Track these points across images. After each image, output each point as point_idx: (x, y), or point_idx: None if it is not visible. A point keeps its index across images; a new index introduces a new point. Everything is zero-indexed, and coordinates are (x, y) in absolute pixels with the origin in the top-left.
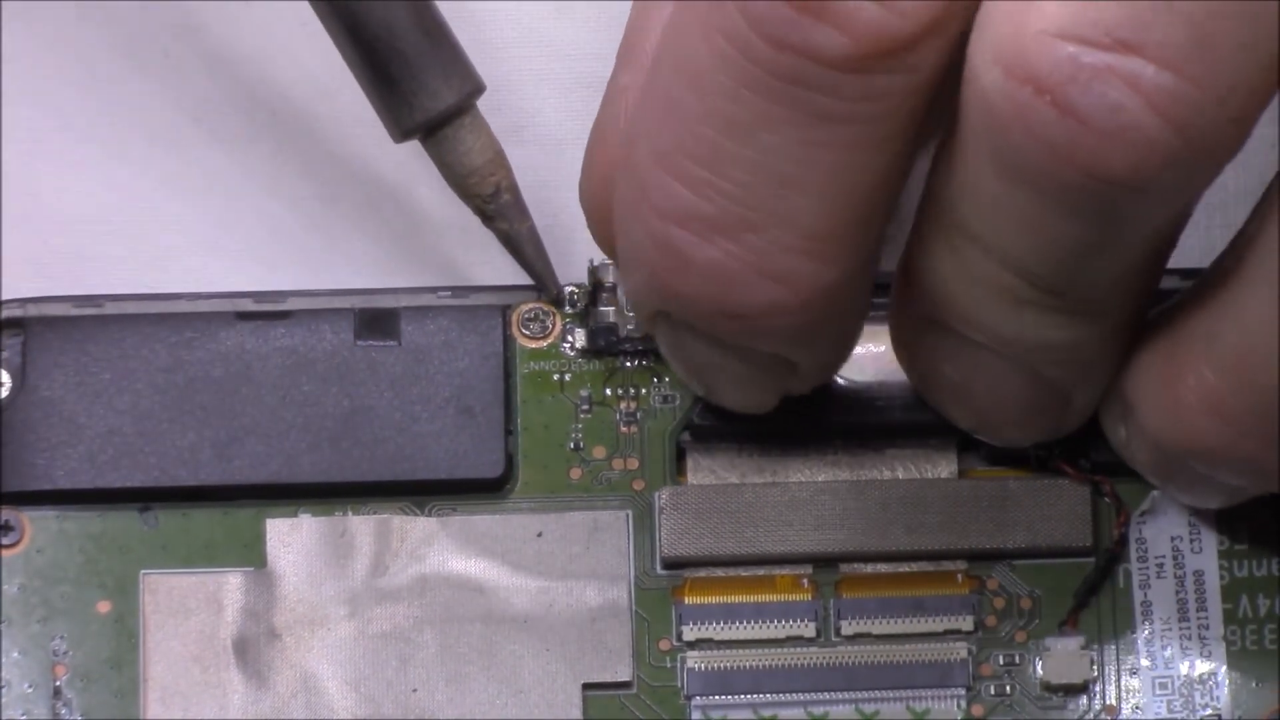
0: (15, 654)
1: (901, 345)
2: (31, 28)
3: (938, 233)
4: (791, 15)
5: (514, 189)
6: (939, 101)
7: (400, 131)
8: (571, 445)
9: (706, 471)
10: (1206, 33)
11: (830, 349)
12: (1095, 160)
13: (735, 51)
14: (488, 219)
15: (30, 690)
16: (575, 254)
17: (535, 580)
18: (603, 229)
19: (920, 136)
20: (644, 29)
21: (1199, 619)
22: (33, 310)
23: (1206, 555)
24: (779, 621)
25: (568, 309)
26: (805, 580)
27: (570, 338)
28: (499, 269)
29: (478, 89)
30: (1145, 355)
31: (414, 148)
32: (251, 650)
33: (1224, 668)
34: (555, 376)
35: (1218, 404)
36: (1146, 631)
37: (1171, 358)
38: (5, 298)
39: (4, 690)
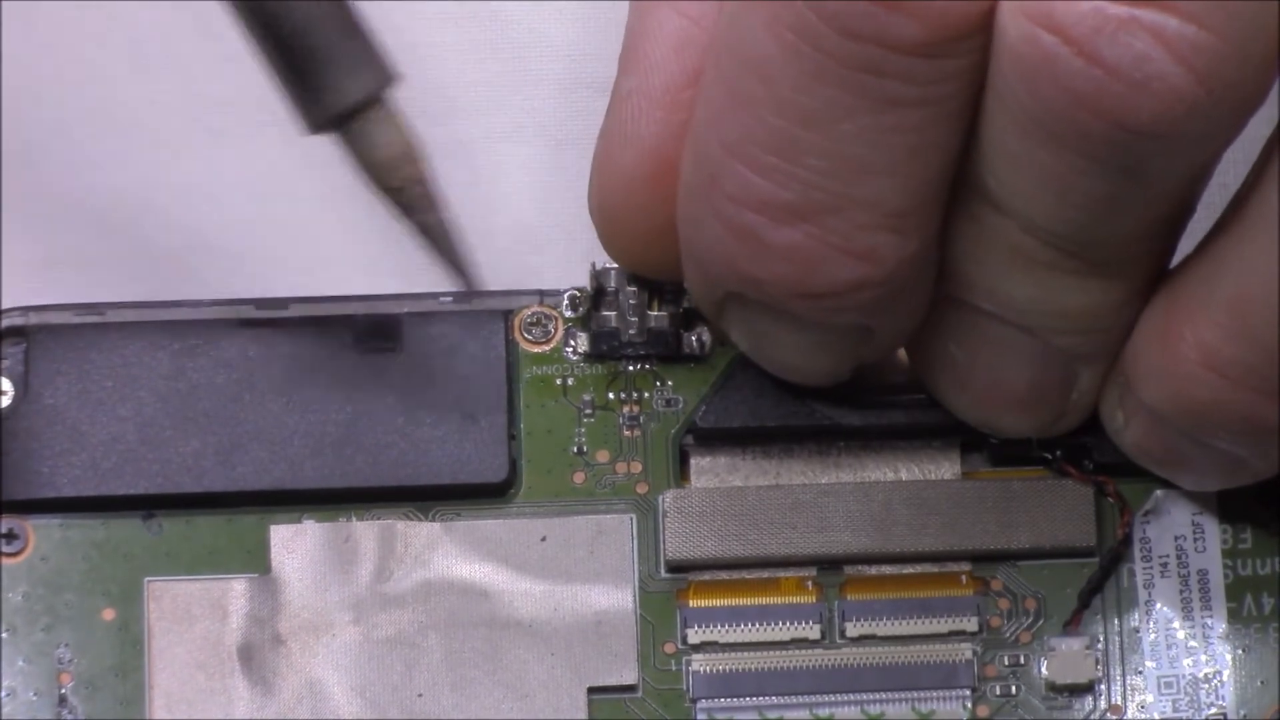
0: (20, 662)
1: None
2: (31, 28)
3: (954, 202)
4: (867, 7)
5: (426, 181)
6: None
7: (310, 125)
8: (575, 449)
9: (710, 474)
10: None
11: (910, 313)
12: (1121, 109)
13: (805, 45)
14: (402, 212)
15: (35, 698)
16: (576, 256)
17: (539, 584)
18: (614, 234)
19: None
20: (644, 33)
21: (1203, 618)
22: (35, 318)
23: (1210, 554)
24: (784, 624)
25: (568, 313)
26: (809, 582)
27: (573, 342)
28: (501, 271)
29: (390, 80)
30: (1144, 320)
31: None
32: (256, 656)
33: (1228, 667)
34: (558, 381)
35: (1215, 356)
36: (1151, 631)
37: (1169, 317)
38: (6, 298)
39: (9, 698)
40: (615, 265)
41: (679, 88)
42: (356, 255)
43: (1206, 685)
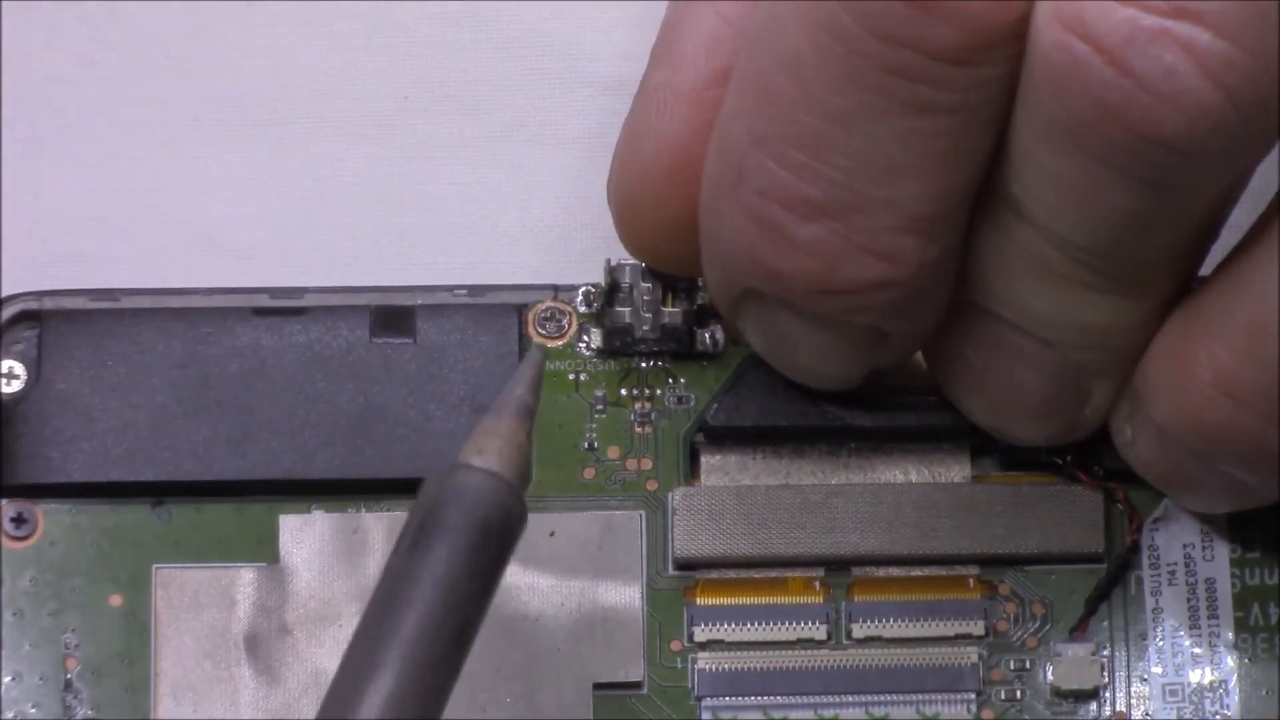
0: (26, 646)
1: None
2: (31, 28)
3: (980, 209)
4: (903, 11)
5: None
6: None
7: None
8: (585, 445)
9: (720, 473)
10: (1263, 2)
11: (925, 319)
12: (1147, 121)
13: (839, 45)
14: None
15: (41, 683)
16: (578, 252)
17: (547, 579)
18: (630, 226)
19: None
20: (679, 28)
21: (1210, 626)
22: (49, 303)
23: (1218, 563)
24: (790, 623)
25: (582, 309)
26: (817, 583)
27: (586, 337)
28: (501, 271)
29: None
30: (1160, 339)
31: (415, 148)
32: (263, 646)
33: (1234, 675)
34: (570, 376)
35: (1228, 380)
36: (1157, 638)
37: (1184, 339)
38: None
39: (15, 683)
40: (630, 261)
41: (705, 86)
42: (359, 253)
43: (1212, 694)
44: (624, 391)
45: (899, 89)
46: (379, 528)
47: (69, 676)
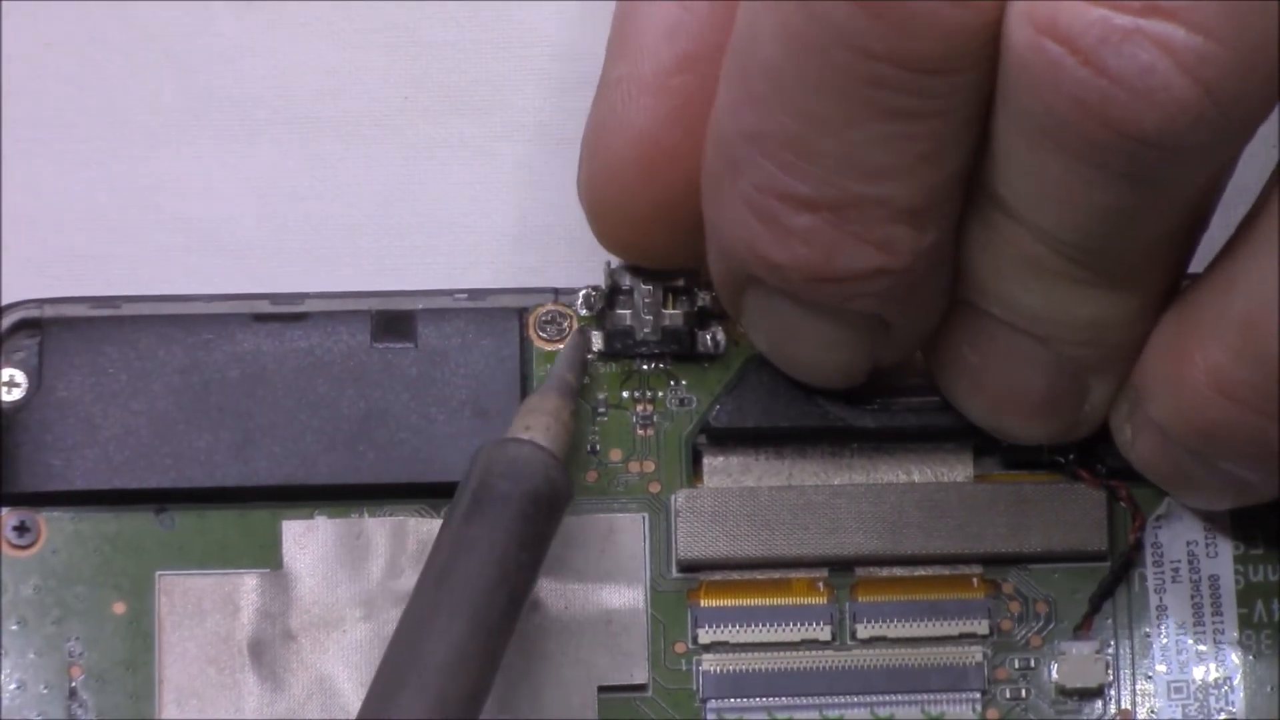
0: (30, 654)
1: None
2: (31, 28)
3: (968, 206)
4: (872, 23)
5: None
6: None
7: None
8: (587, 448)
9: (722, 474)
10: None
11: (926, 310)
12: (1126, 119)
13: (815, 58)
14: None
15: (45, 691)
16: (579, 252)
17: (551, 582)
18: (605, 221)
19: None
20: (634, 18)
21: (1214, 623)
22: (49, 311)
23: (1222, 560)
24: (794, 624)
25: (583, 311)
26: (821, 583)
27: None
28: (501, 272)
29: None
30: (1155, 338)
31: (415, 148)
32: (267, 652)
33: (1239, 672)
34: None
35: (1224, 379)
36: (1162, 636)
37: (1179, 337)
38: (9, 297)
39: (20, 691)
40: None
41: (669, 73)
42: (359, 253)
43: (1216, 691)
44: (625, 394)
45: (875, 97)
46: (382, 533)
47: (73, 684)
